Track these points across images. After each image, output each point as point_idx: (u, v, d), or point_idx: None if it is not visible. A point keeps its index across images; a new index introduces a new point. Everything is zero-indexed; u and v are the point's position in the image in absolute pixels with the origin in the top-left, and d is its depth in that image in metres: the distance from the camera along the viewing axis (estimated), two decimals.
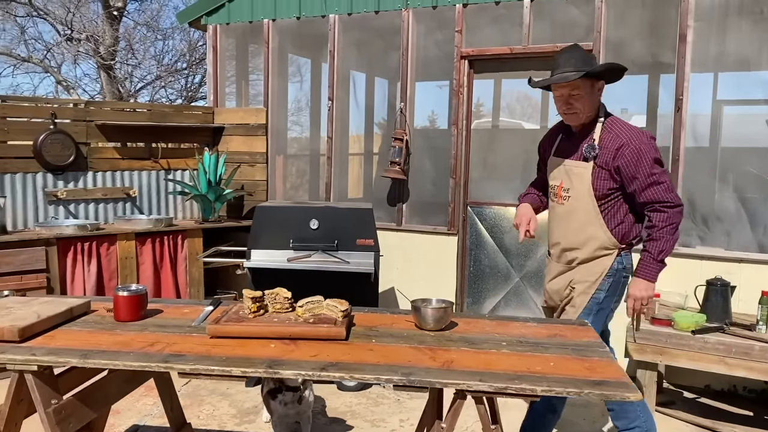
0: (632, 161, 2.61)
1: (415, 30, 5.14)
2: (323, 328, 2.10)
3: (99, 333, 2.13)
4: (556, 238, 2.86)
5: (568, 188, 2.76)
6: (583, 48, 2.74)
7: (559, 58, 2.70)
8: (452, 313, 2.26)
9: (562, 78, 2.62)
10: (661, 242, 2.62)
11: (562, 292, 2.82)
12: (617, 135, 2.66)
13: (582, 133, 2.75)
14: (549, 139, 2.99)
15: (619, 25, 4.55)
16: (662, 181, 2.62)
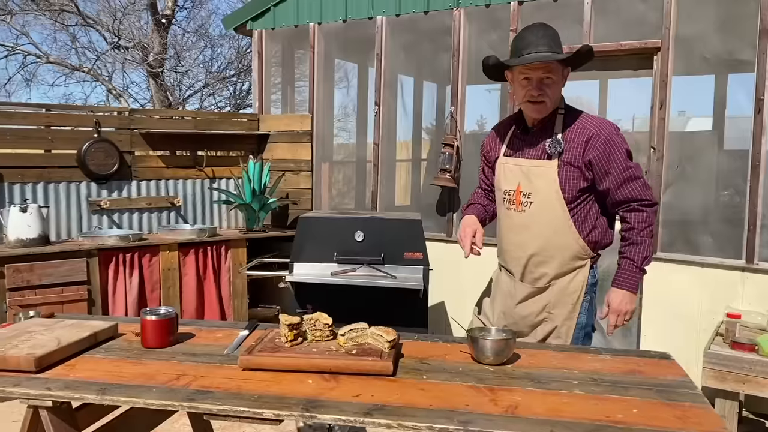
0: (604, 154, 2.30)
1: (467, 30, 4.87)
2: (367, 361, 1.86)
3: (123, 362, 1.94)
4: (517, 252, 2.46)
5: (529, 192, 2.38)
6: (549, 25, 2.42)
7: (528, 35, 2.34)
8: (514, 345, 1.98)
9: (546, 57, 2.25)
10: (643, 247, 2.34)
11: (534, 318, 2.46)
12: (584, 126, 2.34)
13: (541, 128, 2.41)
14: (495, 137, 2.59)
15: (691, 20, 4.19)
16: (639, 176, 2.34)
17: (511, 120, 2.56)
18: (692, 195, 4.37)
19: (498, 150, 2.54)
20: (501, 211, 2.53)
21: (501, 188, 2.49)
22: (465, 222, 2.54)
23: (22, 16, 13.20)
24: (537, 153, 2.38)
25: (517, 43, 2.36)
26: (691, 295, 4.16)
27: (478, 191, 2.73)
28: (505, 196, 2.47)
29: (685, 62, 4.34)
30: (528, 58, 2.27)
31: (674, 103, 4.29)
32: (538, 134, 2.40)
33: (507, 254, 2.52)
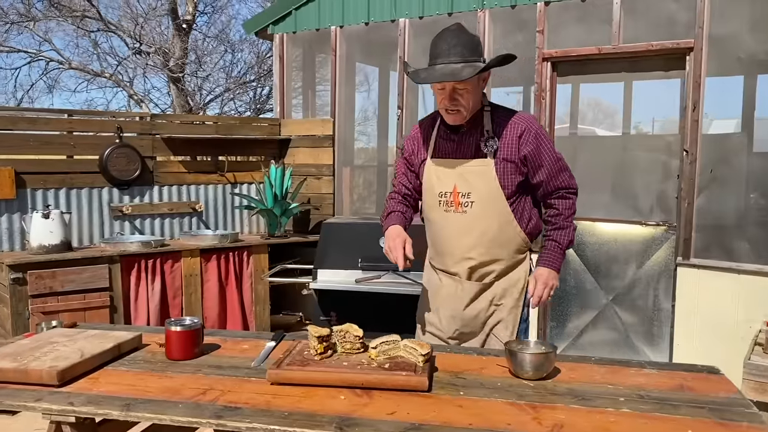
0: (537, 148, 2.29)
1: (492, 32, 4.78)
2: (401, 376, 1.77)
3: (148, 375, 1.88)
4: (461, 253, 2.37)
5: (468, 192, 2.31)
6: (466, 28, 2.26)
7: (440, 43, 2.21)
8: (555, 359, 1.89)
9: (452, 75, 2.14)
10: (568, 230, 2.38)
11: (483, 315, 2.41)
12: (514, 122, 2.30)
13: (469, 127, 2.32)
14: (418, 139, 2.46)
15: (725, 19, 4.06)
16: (566, 167, 2.38)
17: (433, 120, 2.43)
18: (726, 199, 4.24)
19: (423, 152, 2.43)
20: (435, 214, 2.41)
21: (434, 191, 2.38)
22: (390, 233, 2.34)
23: (45, 22, 13.32)
24: (470, 152, 2.32)
25: (431, 50, 2.24)
26: (726, 303, 4.02)
27: (393, 197, 2.54)
28: (440, 199, 2.37)
29: (718, 63, 4.21)
30: (433, 76, 2.19)
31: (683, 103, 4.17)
32: (467, 134, 2.33)
33: (449, 257, 2.41)
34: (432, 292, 2.51)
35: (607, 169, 4.71)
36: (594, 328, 4.59)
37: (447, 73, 2.16)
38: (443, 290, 2.46)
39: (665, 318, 4.34)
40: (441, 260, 2.46)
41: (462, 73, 2.14)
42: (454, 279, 2.42)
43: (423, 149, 2.43)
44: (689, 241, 4.16)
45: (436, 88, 2.24)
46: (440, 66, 2.18)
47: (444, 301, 2.45)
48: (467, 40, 2.21)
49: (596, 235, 4.54)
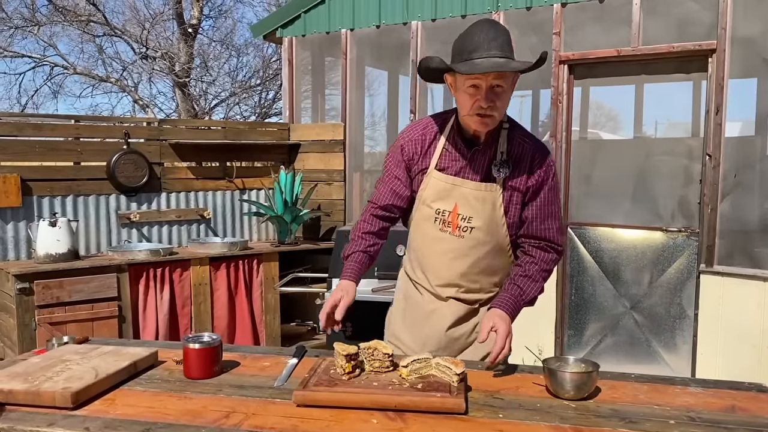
0: (541, 182, 2.06)
1: None
2: (437, 398, 1.67)
3: (166, 396, 1.78)
4: (449, 278, 2.16)
5: (470, 217, 2.07)
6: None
7: (477, 35, 1.91)
8: (598, 378, 1.78)
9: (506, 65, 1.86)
10: (538, 285, 2.10)
11: (465, 339, 2.21)
12: (528, 147, 2.07)
13: (485, 145, 2.06)
14: (421, 143, 2.14)
15: (749, 19, 3.96)
16: (559, 217, 2.14)
17: (441, 125, 2.14)
18: (750, 204, 4.13)
19: (426, 159, 2.13)
20: (428, 229, 2.15)
21: (431, 206, 2.12)
22: (336, 289, 2.11)
23: (50, 27, 13.28)
24: (480, 174, 2.07)
25: (463, 44, 1.95)
26: (752, 311, 3.91)
27: (368, 219, 2.20)
28: (437, 216, 2.11)
29: (741, 64, 4.11)
30: (482, 66, 1.87)
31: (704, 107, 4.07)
32: (481, 152, 2.07)
33: (434, 278, 2.19)
34: (411, 307, 2.28)
35: (625, 174, 4.60)
36: (613, 337, 4.48)
37: (497, 65, 1.86)
38: (425, 307, 2.23)
39: (687, 326, 4.23)
40: (423, 277, 2.23)
41: (512, 64, 1.89)
42: (437, 299, 2.21)
43: (426, 155, 2.13)
44: (712, 247, 4.05)
45: (466, 89, 1.94)
46: (480, 60, 1.88)
47: (425, 319, 2.22)
48: (505, 34, 1.95)
49: (615, 241, 4.44)
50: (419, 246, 2.21)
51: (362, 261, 2.16)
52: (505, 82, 1.93)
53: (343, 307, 2.04)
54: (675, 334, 4.29)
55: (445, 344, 2.19)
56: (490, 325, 1.97)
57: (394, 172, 2.18)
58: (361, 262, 2.15)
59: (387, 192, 2.19)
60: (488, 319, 2.00)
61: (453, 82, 2.00)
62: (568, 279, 4.57)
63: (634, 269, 4.39)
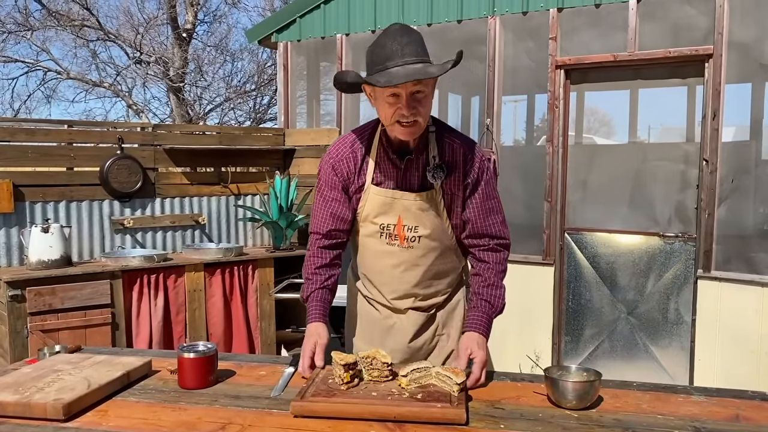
0: (476, 179, 2.03)
1: (503, 39, 4.67)
2: (437, 408, 1.64)
3: (160, 407, 1.74)
4: (405, 289, 2.13)
5: (415, 226, 2.04)
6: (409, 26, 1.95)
7: (390, 43, 1.85)
8: (600, 387, 1.75)
9: (422, 72, 1.80)
10: (501, 290, 2.08)
11: (428, 346, 2.20)
12: (458, 147, 2.02)
13: (416, 152, 2.01)
14: (353, 160, 2.06)
15: (745, 24, 3.95)
16: (501, 211, 2.11)
17: (368, 138, 2.06)
18: (748, 209, 4.12)
19: (362, 176, 2.06)
20: (373, 245, 2.11)
21: (375, 221, 2.07)
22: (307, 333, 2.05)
23: (43, 31, 13.21)
24: (416, 182, 2.02)
25: (376, 53, 1.89)
26: (750, 317, 3.90)
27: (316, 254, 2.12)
28: (382, 231, 2.07)
29: (738, 69, 4.11)
30: (399, 75, 1.80)
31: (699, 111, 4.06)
32: (413, 160, 2.01)
33: (388, 292, 2.16)
34: (368, 324, 2.24)
35: (622, 179, 4.58)
36: (610, 343, 4.46)
37: (413, 73, 1.80)
38: (383, 322, 2.20)
39: (685, 332, 4.21)
40: (377, 292, 2.19)
41: (430, 69, 1.82)
42: (393, 312, 2.18)
43: (361, 174, 2.06)
44: (710, 253, 4.04)
45: (386, 98, 1.87)
46: (395, 69, 1.82)
47: (385, 333, 2.19)
48: (418, 39, 1.90)
49: (612, 246, 4.42)
50: (368, 262, 2.18)
51: (324, 298, 2.10)
52: (426, 87, 1.88)
53: (322, 351, 1.97)
54: (672, 339, 4.27)
55: (409, 356, 2.18)
56: (468, 352, 1.96)
57: (330, 194, 2.10)
58: (323, 300, 2.09)
59: (326, 217, 2.11)
60: (465, 346, 1.98)
61: (372, 92, 1.95)
62: (565, 285, 4.55)
63: (631, 275, 4.38)
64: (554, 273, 4.52)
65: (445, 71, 1.84)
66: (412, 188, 2.04)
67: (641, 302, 4.35)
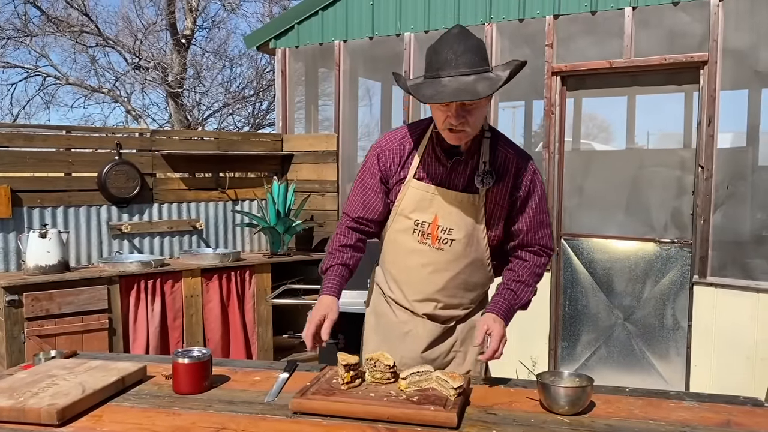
0: (528, 193, 2.02)
1: (499, 45, 4.70)
2: (429, 411, 1.65)
3: (154, 412, 1.75)
4: (427, 293, 2.10)
5: (450, 228, 2.01)
6: (469, 31, 1.90)
7: (443, 50, 1.85)
8: (592, 392, 1.76)
9: (468, 92, 1.78)
10: (531, 288, 2.10)
11: (443, 359, 2.15)
12: (512, 157, 2.00)
13: (466, 155, 1.99)
14: (399, 152, 2.06)
15: (740, 32, 3.98)
16: (549, 223, 2.13)
17: (419, 134, 2.05)
18: (743, 215, 4.14)
19: (405, 170, 2.05)
20: (405, 240, 2.07)
21: (410, 216, 2.05)
22: (317, 306, 2.04)
23: (42, 37, 13.24)
24: (461, 184, 2.00)
25: (431, 59, 1.89)
26: (745, 323, 3.91)
27: (344, 232, 2.13)
28: (415, 227, 2.04)
29: (733, 76, 4.13)
30: (443, 94, 1.80)
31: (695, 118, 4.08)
32: (462, 161, 1.99)
33: (412, 293, 2.12)
34: (384, 327, 2.20)
35: (618, 185, 4.60)
36: (607, 348, 4.47)
37: (461, 90, 1.79)
38: (399, 328, 2.15)
39: (681, 338, 4.22)
40: (399, 292, 2.15)
41: (478, 88, 1.79)
42: (413, 317, 2.13)
43: (405, 167, 2.05)
44: (705, 259, 4.05)
45: (438, 106, 1.87)
46: (447, 79, 1.82)
47: (399, 340, 2.14)
48: (475, 46, 1.86)
49: (608, 252, 4.43)
50: (395, 259, 2.15)
51: (342, 274, 2.09)
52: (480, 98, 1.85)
53: (329, 325, 1.97)
54: (669, 345, 4.28)
55: (424, 363, 2.10)
56: (485, 327, 1.96)
57: (368, 182, 2.10)
58: (341, 276, 2.09)
59: (359, 204, 2.12)
60: (483, 323, 1.98)
61: None
62: (561, 290, 4.56)
63: (627, 280, 4.39)
64: (551, 279, 4.53)
65: (494, 90, 1.82)
66: (456, 188, 2.01)
67: (637, 308, 4.36)
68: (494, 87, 1.82)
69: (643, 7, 4.16)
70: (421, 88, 1.87)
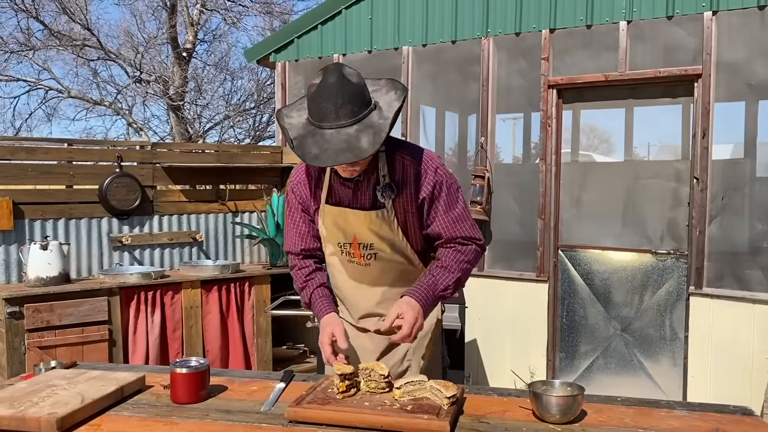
0: (432, 192, 2.03)
1: (496, 59, 4.75)
2: (422, 420, 1.68)
3: (152, 422, 1.77)
4: (368, 308, 2.16)
5: (370, 243, 2.07)
6: (344, 73, 1.87)
7: (323, 103, 1.85)
8: (583, 401, 1.79)
9: (353, 151, 1.81)
10: (454, 276, 2.05)
11: (397, 369, 2.16)
12: (411, 162, 2.02)
13: (365, 173, 2.03)
14: (308, 183, 2.14)
15: (734, 45, 4.03)
16: (469, 216, 2.11)
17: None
18: (738, 227, 4.17)
19: (317, 198, 2.13)
20: (336, 261, 2.15)
21: (332, 241, 2.13)
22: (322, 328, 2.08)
23: (45, 51, 13.35)
24: (368, 201, 2.05)
25: (311, 106, 1.89)
26: (741, 333, 3.93)
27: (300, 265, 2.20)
28: (338, 247, 2.13)
29: (727, 89, 4.17)
30: (328, 153, 1.82)
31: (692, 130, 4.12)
32: (363, 180, 2.04)
33: (354, 310, 2.20)
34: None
35: (615, 197, 4.64)
36: (604, 359, 4.49)
37: (344, 150, 1.81)
38: (353, 341, 2.17)
39: (678, 349, 4.24)
40: (346, 312, 2.23)
41: (362, 144, 1.82)
42: (360, 333, 2.19)
43: (316, 196, 2.13)
44: (701, 270, 4.08)
45: None
46: (330, 132, 1.84)
47: (354, 355, 2.16)
48: (353, 93, 1.86)
49: (605, 263, 4.46)
50: (335, 282, 2.23)
51: (325, 294, 2.18)
52: None
53: (342, 334, 2.03)
54: (666, 356, 4.30)
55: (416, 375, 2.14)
56: (397, 312, 1.98)
57: (295, 216, 2.20)
58: (325, 296, 2.17)
59: (296, 239, 2.21)
60: (397, 306, 2.00)
61: None
62: (559, 301, 4.58)
63: (624, 291, 4.42)
64: (548, 290, 4.55)
65: (377, 147, 1.83)
66: (364, 207, 2.06)
67: (635, 319, 4.39)
68: (377, 142, 1.83)
69: (637, 21, 4.22)
70: (305, 144, 1.87)
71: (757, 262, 4.03)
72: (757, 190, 4.36)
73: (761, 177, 4.79)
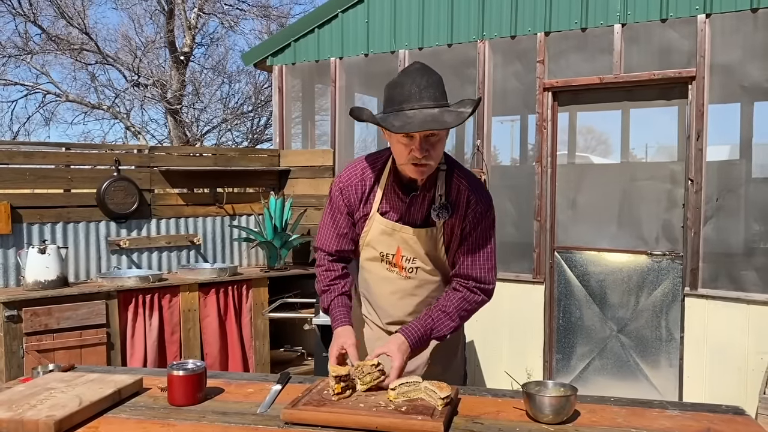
0: (474, 224, 2.07)
1: (492, 62, 4.78)
2: (416, 420, 1.69)
3: (149, 423, 1.79)
4: (399, 316, 2.19)
5: (413, 257, 2.10)
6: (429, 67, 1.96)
7: (407, 84, 1.90)
8: (576, 401, 1.81)
9: (437, 122, 1.84)
10: (452, 324, 2.08)
11: (420, 372, 2.20)
12: (465, 189, 2.06)
13: (422, 189, 2.05)
14: (362, 187, 2.12)
15: (727, 47, 4.06)
16: (492, 259, 2.12)
17: (379, 168, 2.12)
18: (733, 228, 4.19)
19: (368, 205, 2.12)
20: (375, 268, 2.17)
21: (375, 248, 2.14)
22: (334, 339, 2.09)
23: (43, 55, 13.37)
24: (419, 218, 2.08)
25: (393, 93, 1.92)
26: (736, 334, 3.95)
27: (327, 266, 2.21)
28: (381, 257, 2.14)
29: (720, 91, 4.20)
30: (413, 123, 1.84)
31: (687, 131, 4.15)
32: (419, 196, 2.06)
33: (384, 316, 2.23)
34: (363, 335, 2.29)
35: (610, 198, 4.66)
36: (601, 361, 4.51)
37: (429, 120, 1.84)
38: (374, 342, 2.23)
39: (674, 349, 4.26)
40: (373, 313, 2.27)
41: (446, 119, 1.86)
42: (386, 335, 2.21)
43: (367, 201, 2.13)
44: (696, 271, 4.10)
45: (399, 138, 1.90)
46: (412, 112, 1.86)
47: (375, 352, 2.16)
48: (436, 81, 1.92)
49: (601, 265, 4.49)
50: (367, 286, 2.25)
51: (345, 304, 2.18)
52: (443, 131, 1.93)
53: (355, 353, 2.03)
54: (662, 357, 4.32)
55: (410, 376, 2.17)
56: (384, 350, 1.99)
57: (337, 216, 2.18)
58: (344, 306, 2.17)
59: (332, 238, 2.21)
60: (388, 344, 2.02)
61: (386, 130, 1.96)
62: (555, 303, 4.60)
63: (620, 293, 4.44)
64: (544, 291, 4.58)
65: (461, 122, 1.86)
66: (415, 223, 2.08)
67: (631, 320, 4.41)
68: (461, 118, 1.87)
69: (632, 24, 4.25)
70: (388, 118, 1.89)
71: (752, 262, 4.06)
72: (752, 191, 4.38)
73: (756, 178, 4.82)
